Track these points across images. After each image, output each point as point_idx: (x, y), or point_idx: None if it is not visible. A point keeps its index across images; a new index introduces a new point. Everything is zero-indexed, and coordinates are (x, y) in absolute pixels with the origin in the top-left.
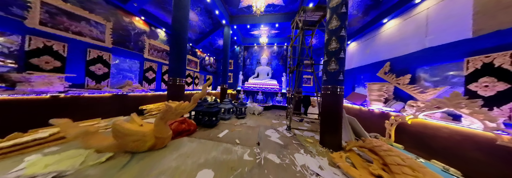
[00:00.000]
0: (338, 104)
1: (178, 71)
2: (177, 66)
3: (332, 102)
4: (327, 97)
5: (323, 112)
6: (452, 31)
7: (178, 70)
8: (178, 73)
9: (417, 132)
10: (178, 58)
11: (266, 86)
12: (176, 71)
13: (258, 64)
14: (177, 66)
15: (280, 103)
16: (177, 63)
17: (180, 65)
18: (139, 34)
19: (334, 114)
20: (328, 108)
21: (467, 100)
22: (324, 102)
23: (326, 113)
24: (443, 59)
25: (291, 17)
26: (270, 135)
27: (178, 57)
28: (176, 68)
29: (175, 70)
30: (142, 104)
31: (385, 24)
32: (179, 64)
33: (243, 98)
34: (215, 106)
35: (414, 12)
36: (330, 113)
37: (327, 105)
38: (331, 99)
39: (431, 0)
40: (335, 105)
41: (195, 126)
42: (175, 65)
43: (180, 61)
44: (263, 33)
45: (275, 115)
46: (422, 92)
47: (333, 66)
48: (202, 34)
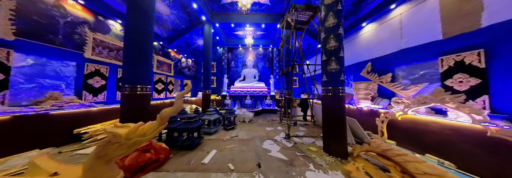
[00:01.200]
0: (340, 107)
1: (138, 75)
2: (136, 69)
3: (334, 104)
4: (328, 99)
5: (325, 116)
6: (424, 34)
7: (138, 74)
8: (140, 79)
9: (408, 128)
10: (139, 59)
11: (254, 89)
12: (136, 76)
13: (244, 67)
14: (137, 70)
15: (270, 106)
16: (136, 65)
17: (142, 68)
18: (74, 24)
19: (337, 118)
20: (330, 111)
21: (451, 95)
22: (326, 105)
23: (328, 117)
24: (419, 59)
25: (277, 18)
26: (269, 148)
27: (138, 58)
28: (135, 72)
29: (133, 75)
30: (81, 125)
31: (363, 27)
32: (142, 67)
33: (230, 104)
34: (197, 118)
35: (389, 17)
36: (333, 116)
37: (329, 108)
38: (333, 102)
39: (403, 6)
40: (337, 108)
41: (167, 151)
42: (133, 68)
43: (143, 63)
44: (248, 34)
45: (267, 120)
46: (404, 89)
47: (333, 66)
48: (176, 32)
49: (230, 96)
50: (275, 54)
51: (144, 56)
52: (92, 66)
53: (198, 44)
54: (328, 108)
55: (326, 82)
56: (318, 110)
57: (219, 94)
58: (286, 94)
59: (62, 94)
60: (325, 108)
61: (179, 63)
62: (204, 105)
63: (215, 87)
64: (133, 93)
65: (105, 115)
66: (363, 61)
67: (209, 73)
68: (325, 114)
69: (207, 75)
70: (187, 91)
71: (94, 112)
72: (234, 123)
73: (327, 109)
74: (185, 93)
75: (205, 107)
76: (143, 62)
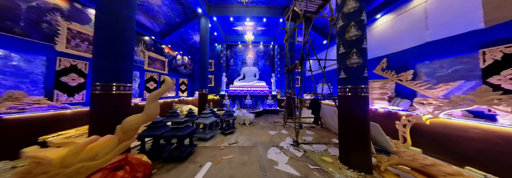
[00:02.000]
0: (363, 109)
1: (115, 71)
2: (111, 64)
3: (355, 106)
4: (346, 100)
5: (343, 119)
6: (458, 23)
7: (115, 70)
8: (117, 76)
9: (439, 134)
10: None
11: (255, 89)
12: (111, 71)
13: (243, 65)
14: (113, 64)
15: (271, 107)
16: (113, 58)
17: (121, 63)
18: (41, 11)
19: (359, 122)
20: (349, 114)
21: (504, 96)
22: (343, 106)
23: (346, 121)
24: (450, 52)
25: (280, 12)
26: (276, 158)
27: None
28: (110, 67)
29: (108, 71)
30: (49, 132)
31: (377, 20)
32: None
33: (229, 104)
34: (188, 123)
35: (410, 6)
36: (353, 120)
37: (347, 110)
38: (353, 103)
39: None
40: (359, 110)
41: (148, 167)
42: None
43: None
44: (248, 29)
45: (269, 122)
46: (430, 88)
47: (354, 60)
48: (170, 26)
49: (229, 95)
50: (276, 51)
51: (124, 49)
52: (66, 62)
53: (194, 40)
54: (346, 110)
55: (345, 80)
56: (326, 111)
57: (217, 93)
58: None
59: (26, 93)
60: (342, 110)
61: (174, 61)
62: (200, 106)
63: (213, 87)
64: (106, 93)
65: (82, 118)
66: (376, 57)
67: (206, 72)
68: (343, 117)
69: (204, 74)
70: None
71: (67, 115)
72: (233, 126)
73: (345, 111)
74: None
75: (201, 108)
76: (122, 55)
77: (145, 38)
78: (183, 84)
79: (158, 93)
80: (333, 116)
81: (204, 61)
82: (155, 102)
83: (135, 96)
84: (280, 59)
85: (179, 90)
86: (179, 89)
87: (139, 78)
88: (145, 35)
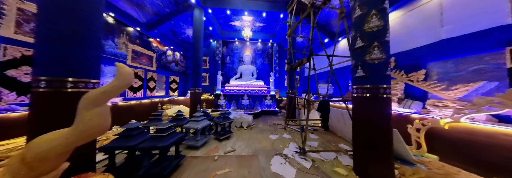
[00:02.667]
0: (385, 113)
1: (72, 62)
2: (67, 51)
3: (374, 109)
4: (363, 102)
5: (358, 125)
6: (479, 18)
7: (72, 60)
8: (75, 68)
9: (460, 140)
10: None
11: (253, 88)
12: (67, 62)
13: (240, 63)
14: (71, 52)
15: (270, 107)
16: (71, 44)
17: (82, 51)
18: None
19: (380, 129)
20: (367, 118)
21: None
22: (359, 109)
23: (363, 126)
24: (468, 51)
25: (280, 6)
26: (282, 171)
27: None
28: (64, 56)
29: (59, 60)
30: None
31: None
32: (81, 49)
33: (225, 104)
34: (172, 130)
35: (421, 2)
36: (372, 126)
37: (365, 114)
38: (373, 105)
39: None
40: (380, 114)
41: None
42: (60, 49)
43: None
44: (246, 25)
45: (269, 124)
46: (446, 89)
47: (376, 55)
48: (159, 17)
49: (225, 95)
50: (275, 50)
51: (87, 32)
52: (15, 51)
53: (187, 35)
54: (363, 114)
55: (363, 78)
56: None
57: (212, 93)
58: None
59: None
60: (358, 113)
61: (164, 56)
62: (192, 107)
63: (208, 86)
64: (57, 91)
65: None
66: None
67: (200, 69)
68: (359, 122)
69: (197, 71)
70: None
71: (13, 118)
72: (229, 131)
73: (361, 115)
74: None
75: (194, 109)
76: (85, 40)
77: (128, 29)
78: (174, 83)
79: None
80: (339, 118)
81: (197, 58)
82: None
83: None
84: (279, 58)
85: (169, 88)
86: (169, 88)
87: None
88: (129, 25)
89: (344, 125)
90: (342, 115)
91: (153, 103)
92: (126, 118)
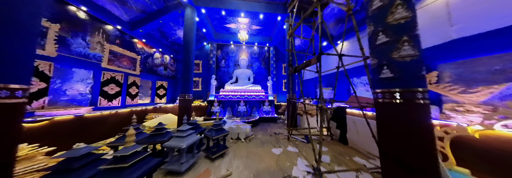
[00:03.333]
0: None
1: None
2: None
3: (410, 120)
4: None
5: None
6: (492, 17)
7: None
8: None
9: (495, 150)
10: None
11: (249, 93)
12: None
13: (236, 67)
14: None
15: (268, 114)
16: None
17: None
18: None
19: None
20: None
21: None
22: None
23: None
24: (484, 50)
25: (278, 8)
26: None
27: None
28: None
29: None
30: None
31: None
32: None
33: (219, 111)
34: (141, 156)
35: (425, 2)
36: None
37: (396, 126)
38: (407, 115)
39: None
40: (417, 125)
41: None
42: None
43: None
44: (242, 28)
45: (269, 134)
46: (465, 92)
47: (407, 51)
48: (145, 14)
49: (219, 101)
50: (272, 53)
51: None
52: None
53: (178, 36)
54: (394, 125)
55: (391, 80)
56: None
57: (205, 99)
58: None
59: None
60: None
61: (151, 59)
62: (181, 116)
63: (200, 91)
64: None
65: None
66: None
67: (191, 72)
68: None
69: (188, 75)
70: None
71: None
72: (223, 146)
73: (391, 128)
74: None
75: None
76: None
77: (106, 27)
78: (162, 88)
79: None
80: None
81: (188, 60)
82: None
83: (82, 104)
84: (276, 62)
85: (155, 95)
86: (156, 94)
87: (93, 80)
88: (107, 22)
89: (356, 134)
90: (353, 122)
91: (132, 112)
92: (95, 133)
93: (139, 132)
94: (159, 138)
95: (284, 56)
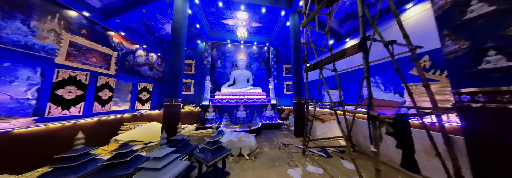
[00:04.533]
0: None
1: None
2: None
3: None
4: (502, 122)
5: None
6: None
7: None
8: None
9: None
10: None
11: (249, 97)
12: None
13: (234, 68)
14: None
15: (272, 120)
16: None
17: None
18: None
19: None
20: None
21: None
22: (489, 132)
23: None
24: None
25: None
26: None
27: None
28: None
29: None
30: None
31: (407, 10)
32: None
33: (215, 118)
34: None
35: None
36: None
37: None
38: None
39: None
40: None
41: None
42: None
43: None
44: (241, 24)
45: (277, 146)
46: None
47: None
48: (123, 1)
49: (215, 106)
50: (272, 54)
51: None
52: None
53: (167, 32)
54: (501, 143)
55: (506, 72)
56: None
57: (198, 103)
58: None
59: None
60: (484, 139)
61: (132, 57)
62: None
63: (193, 95)
64: None
65: None
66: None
67: (179, 72)
68: (485, 156)
69: (176, 75)
70: None
71: None
72: (224, 171)
73: (496, 145)
74: None
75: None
76: None
77: (66, 11)
78: (146, 92)
79: None
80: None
81: (176, 56)
82: None
83: (19, 113)
84: (276, 63)
85: (136, 99)
86: (137, 99)
87: (41, 80)
88: (67, 6)
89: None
90: None
91: (101, 122)
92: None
93: (83, 162)
94: (119, 171)
95: (285, 57)
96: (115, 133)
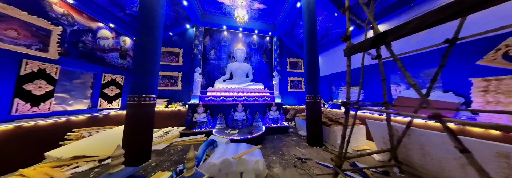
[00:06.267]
0: None
1: None
2: None
3: None
4: None
5: None
6: None
7: None
8: None
9: None
10: None
11: (249, 94)
12: None
13: (230, 60)
14: None
15: (276, 123)
16: None
17: None
18: None
19: None
20: None
21: None
22: None
23: None
24: None
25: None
26: None
27: None
28: None
29: None
30: None
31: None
32: None
33: (206, 121)
34: None
35: None
36: None
37: None
38: None
39: None
40: None
41: None
42: None
43: None
44: (240, 4)
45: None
46: None
47: None
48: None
49: (206, 106)
50: (275, 45)
51: None
52: None
53: None
54: None
55: None
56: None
57: (186, 102)
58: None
59: None
60: None
61: (92, 38)
62: (129, 136)
63: (180, 91)
64: None
65: None
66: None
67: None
68: None
69: (146, 63)
70: None
71: None
72: None
73: None
74: None
75: (131, 141)
76: None
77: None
78: (114, 86)
79: None
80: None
81: (148, 37)
82: None
83: None
84: (280, 56)
85: (99, 96)
86: (101, 95)
87: None
88: None
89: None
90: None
91: (25, 130)
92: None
93: None
94: None
95: (290, 50)
96: (54, 145)
